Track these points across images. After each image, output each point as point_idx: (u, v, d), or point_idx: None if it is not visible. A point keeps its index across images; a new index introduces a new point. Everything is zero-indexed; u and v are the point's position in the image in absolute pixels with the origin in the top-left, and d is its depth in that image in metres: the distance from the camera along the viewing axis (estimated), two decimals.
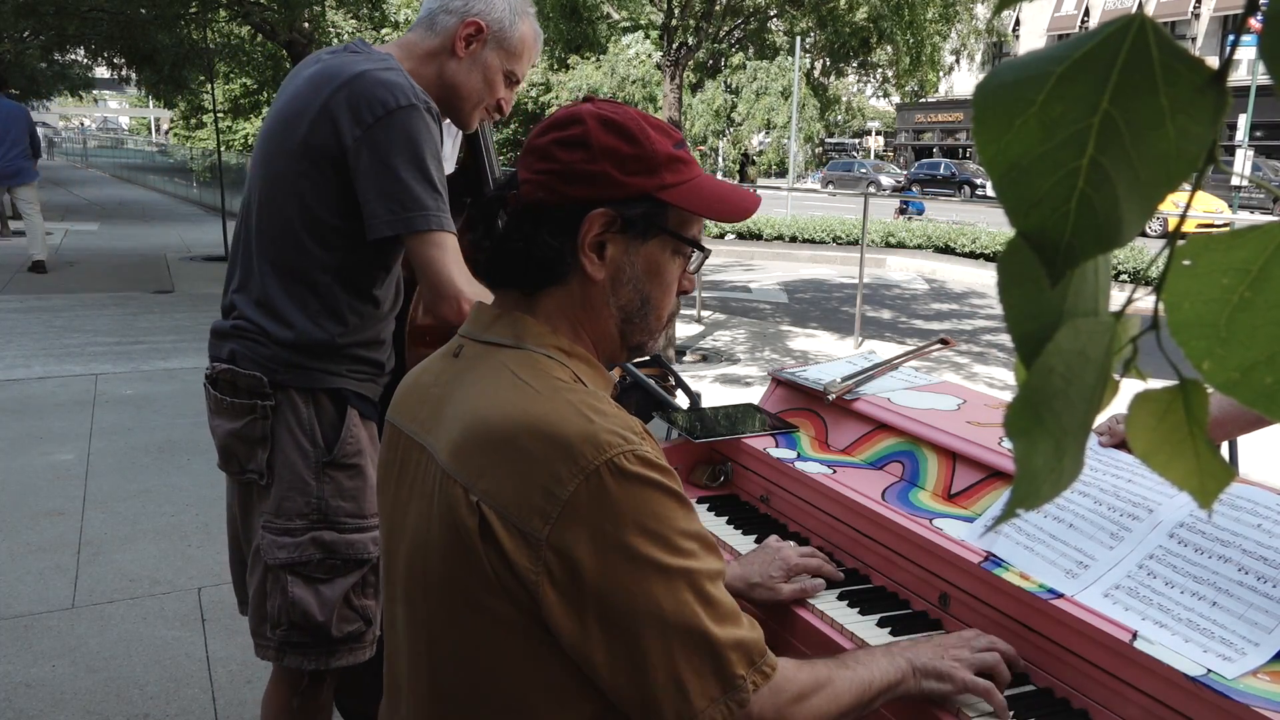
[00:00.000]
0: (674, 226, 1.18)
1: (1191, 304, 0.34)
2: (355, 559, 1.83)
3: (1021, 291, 0.37)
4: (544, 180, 1.13)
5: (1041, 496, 0.37)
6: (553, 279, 1.15)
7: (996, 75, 0.35)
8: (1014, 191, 0.34)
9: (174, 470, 4.65)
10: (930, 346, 2.38)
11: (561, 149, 1.13)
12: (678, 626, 1.02)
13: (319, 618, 1.81)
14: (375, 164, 1.69)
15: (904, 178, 32.76)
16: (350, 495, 1.83)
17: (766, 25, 13.26)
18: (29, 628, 3.18)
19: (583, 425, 1.04)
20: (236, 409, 1.82)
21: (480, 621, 1.07)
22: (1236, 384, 0.34)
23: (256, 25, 11.87)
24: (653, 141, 1.15)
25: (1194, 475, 0.39)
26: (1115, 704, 1.27)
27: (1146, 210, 0.34)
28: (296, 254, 1.78)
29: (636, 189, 1.13)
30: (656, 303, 1.21)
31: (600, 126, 1.13)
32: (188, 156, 26.17)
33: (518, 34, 1.90)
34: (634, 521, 1.01)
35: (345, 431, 1.82)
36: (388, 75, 1.72)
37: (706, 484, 2.08)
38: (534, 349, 1.14)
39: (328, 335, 1.79)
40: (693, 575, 1.03)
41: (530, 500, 1.02)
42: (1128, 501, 1.48)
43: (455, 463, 1.08)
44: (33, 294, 9.25)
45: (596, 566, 1.01)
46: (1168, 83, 0.33)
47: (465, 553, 1.05)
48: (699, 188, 1.18)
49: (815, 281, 12.99)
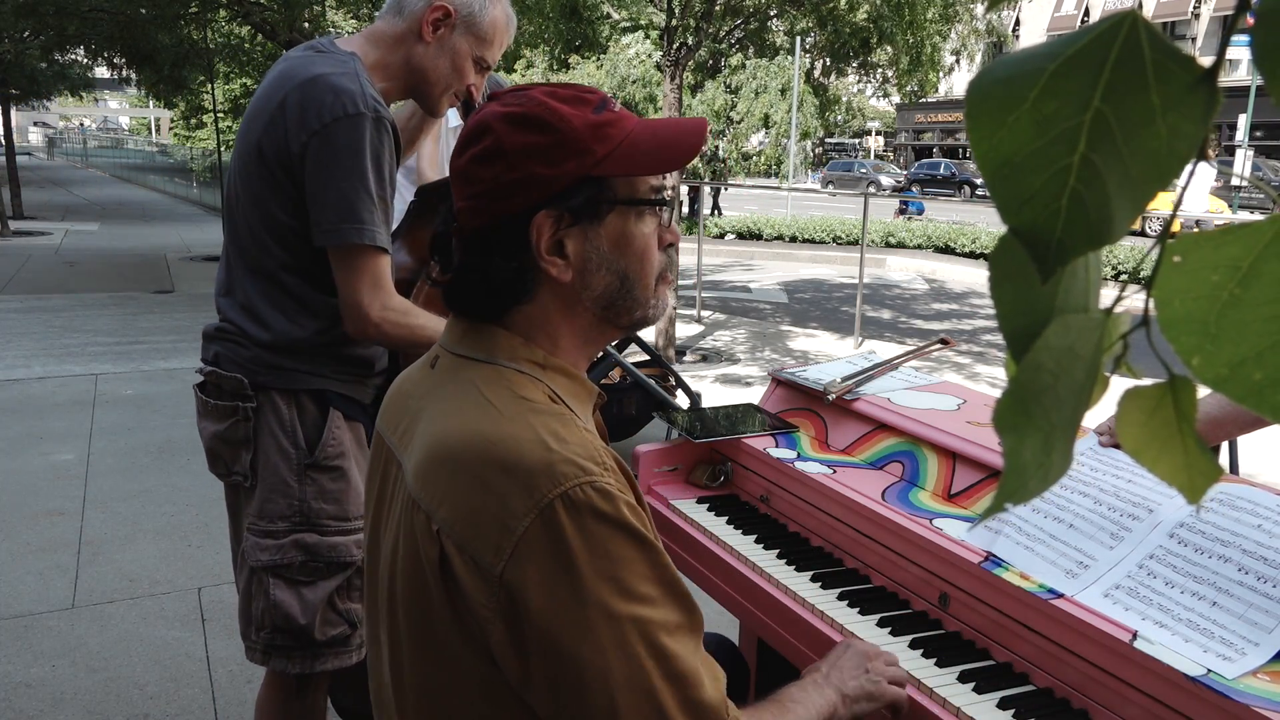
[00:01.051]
0: (624, 194, 1.09)
1: (1181, 301, 0.34)
2: (338, 562, 1.82)
3: (1013, 288, 0.37)
4: (476, 205, 1.07)
5: (1029, 491, 0.37)
6: (518, 298, 1.09)
7: (990, 72, 0.35)
8: (1006, 188, 0.34)
9: (174, 470, 4.65)
10: (930, 346, 2.38)
11: (479, 166, 1.06)
12: (623, 680, 0.95)
13: (301, 621, 1.80)
14: (316, 172, 1.69)
15: (904, 178, 32.75)
16: (333, 497, 1.82)
17: (766, 25, 13.26)
18: (29, 628, 3.18)
19: (540, 454, 0.97)
20: (220, 411, 1.82)
21: (441, 653, 1.03)
22: (1226, 380, 0.34)
23: (256, 25, 11.86)
24: (568, 119, 1.05)
25: (1182, 471, 0.39)
26: (1115, 704, 1.27)
27: (1137, 207, 0.34)
28: (263, 255, 1.78)
29: (570, 176, 1.05)
30: (638, 274, 1.12)
31: (509, 127, 1.05)
32: (188, 156, 26.18)
33: (488, 18, 1.86)
34: (585, 561, 0.95)
35: (327, 433, 1.81)
36: (340, 80, 1.70)
37: (706, 484, 2.09)
38: (505, 364, 1.08)
39: (307, 334, 1.79)
40: (644, 624, 0.96)
41: (485, 533, 0.97)
42: (1128, 501, 1.48)
43: (419, 487, 1.04)
44: (33, 294, 9.26)
45: (543, 607, 0.94)
46: (1159, 80, 0.33)
47: (426, 582, 1.02)
48: (634, 145, 1.08)
49: (815, 281, 12.99)
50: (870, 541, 1.69)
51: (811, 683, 1.26)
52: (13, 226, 14.71)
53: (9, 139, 17.72)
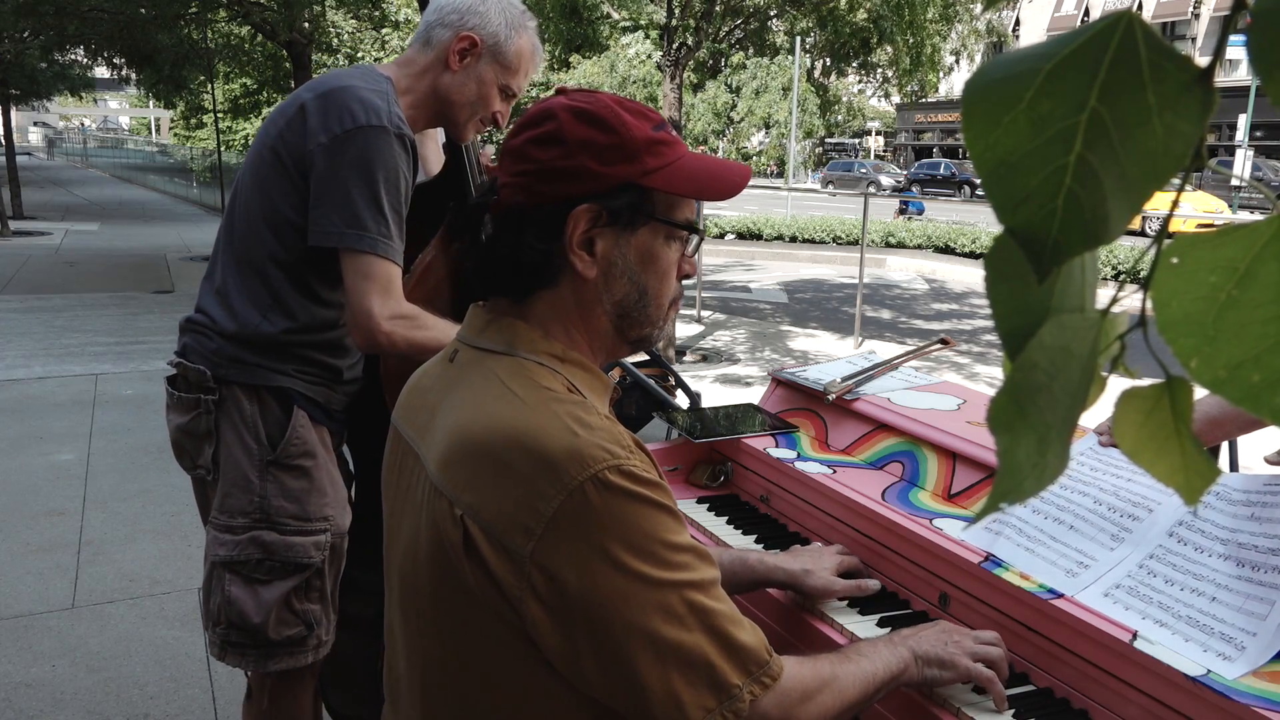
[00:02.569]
0: (662, 212, 1.14)
1: (1179, 302, 0.34)
2: (295, 562, 1.81)
3: (1009, 288, 0.37)
4: (522, 182, 1.10)
5: (1025, 491, 0.37)
6: (542, 282, 1.12)
7: (986, 72, 0.35)
8: (1002, 188, 0.34)
9: (174, 470, 4.62)
10: (930, 346, 2.38)
11: (536, 147, 1.10)
12: (669, 640, 1.00)
13: (255, 619, 1.80)
14: (329, 174, 1.70)
15: (904, 178, 32.73)
16: (293, 496, 1.81)
17: (767, 25, 13.26)
18: (29, 628, 3.18)
19: (568, 440, 1.01)
20: (184, 403, 1.82)
21: (468, 634, 1.05)
22: (1224, 382, 0.34)
23: (256, 25, 11.87)
24: (629, 127, 1.10)
25: (1179, 472, 0.39)
26: (1115, 704, 1.27)
27: (1133, 207, 0.34)
28: (256, 245, 1.79)
29: (618, 179, 1.09)
30: (655, 292, 1.16)
31: (573, 119, 1.09)
32: (188, 156, 26.19)
33: (514, 48, 1.89)
34: (620, 537, 0.99)
35: (291, 432, 1.80)
36: (369, 95, 1.73)
37: (706, 484, 2.08)
38: (525, 356, 1.11)
39: (274, 331, 1.79)
40: (684, 587, 1.01)
41: (514, 516, 1.00)
42: (1128, 501, 1.48)
43: (442, 475, 1.07)
44: (33, 294, 9.26)
45: (582, 583, 0.98)
46: (1155, 80, 0.33)
47: (450, 566, 1.04)
48: (683, 168, 1.13)
49: (815, 281, 12.99)
50: (870, 541, 1.69)
51: (885, 640, 1.29)
52: (13, 226, 14.71)
53: (9, 139, 17.72)
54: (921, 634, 1.31)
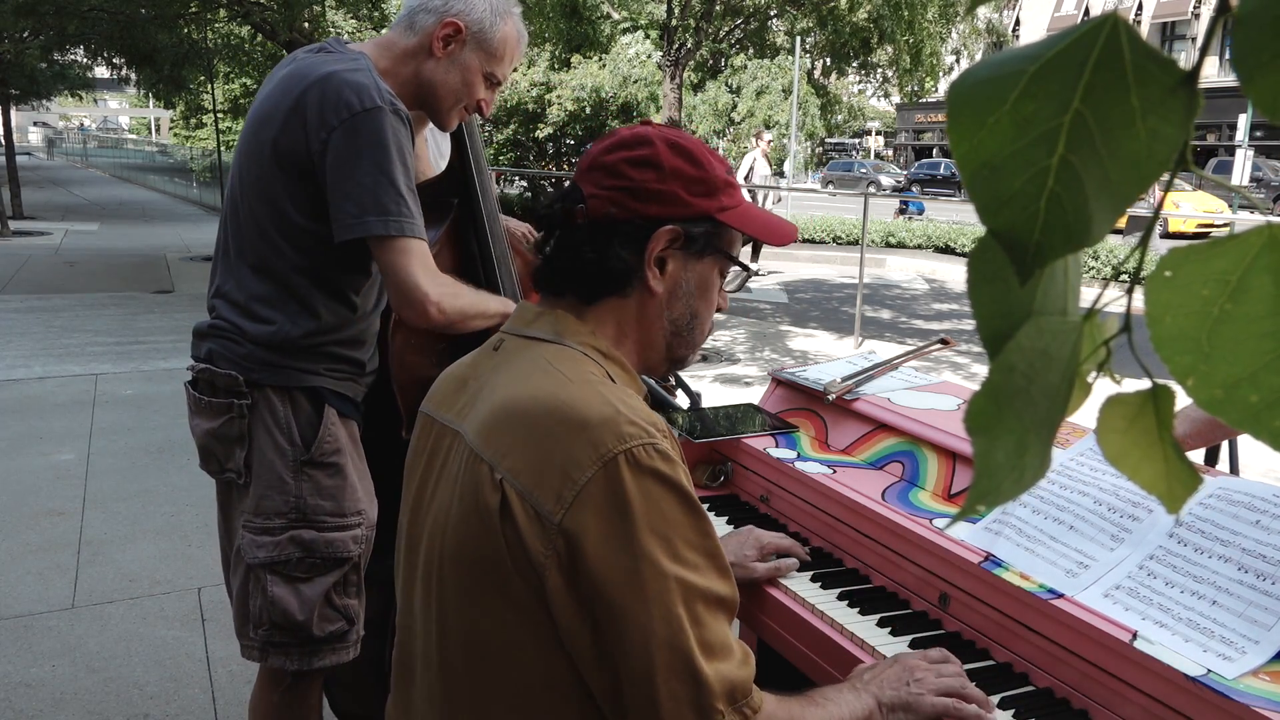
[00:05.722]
0: (726, 246, 1.26)
1: (1173, 317, 0.34)
2: (335, 557, 1.83)
3: (991, 290, 0.37)
4: (615, 196, 1.19)
5: (1003, 494, 0.37)
6: (615, 289, 1.21)
7: (971, 73, 0.35)
8: (985, 189, 0.34)
9: (174, 470, 4.65)
10: (930, 346, 2.37)
11: (632, 167, 1.19)
12: (663, 638, 1.01)
13: (299, 617, 1.81)
14: (340, 167, 1.69)
15: (904, 178, 32.69)
16: (329, 494, 1.82)
17: (767, 25, 13.26)
18: (29, 628, 3.18)
19: (608, 412, 1.06)
20: (214, 408, 1.81)
21: (492, 603, 1.08)
22: (1222, 403, 0.33)
23: (256, 25, 11.87)
24: (713, 166, 1.23)
25: (1162, 480, 0.39)
26: (1115, 704, 1.27)
27: (1117, 210, 0.34)
28: (272, 255, 1.78)
29: (700, 209, 1.21)
30: (702, 318, 1.28)
31: (669, 149, 1.20)
32: (188, 156, 26.18)
33: (498, 35, 1.87)
34: (641, 515, 1.02)
35: (323, 430, 1.81)
36: (355, 76, 1.71)
37: (706, 484, 2.09)
38: (572, 345, 1.18)
39: (303, 333, 1.79)
40: (687, 588, 1.03)
41: (548, 481, 1.04)
42: (1128, 502, 1.48)
43: (483, 442, 1.11)
44: (33, 294, 9.26)
45: (598, 555, 1.02)
46: (1139, 83, 0.33)
47: (484, 531, 1.07)
48: (748, 212, 1.26)
49: (815, 281, 12.98)
50: (870, 541, 1.69)
51: (848, 685, 1.29)
52: (13, 226, 14.71)
53: (9, 139, 17.71)
54: (883, 676, 1.31)
